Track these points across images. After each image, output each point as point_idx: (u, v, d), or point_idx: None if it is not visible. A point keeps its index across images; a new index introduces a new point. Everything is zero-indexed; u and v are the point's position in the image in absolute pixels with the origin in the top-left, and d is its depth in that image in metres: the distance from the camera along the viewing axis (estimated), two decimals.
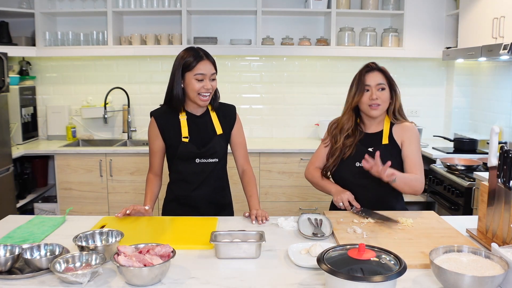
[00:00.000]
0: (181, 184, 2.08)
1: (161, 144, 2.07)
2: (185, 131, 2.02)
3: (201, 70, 1.93)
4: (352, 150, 2.03)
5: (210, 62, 1.98)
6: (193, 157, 2.03)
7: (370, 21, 4.11)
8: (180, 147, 2.01)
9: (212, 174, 2.07)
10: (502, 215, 1.50)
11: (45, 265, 1.33)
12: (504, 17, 2.92)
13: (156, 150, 2.09)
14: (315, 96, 4.26)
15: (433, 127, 4.17)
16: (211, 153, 2.04)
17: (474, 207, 2.80)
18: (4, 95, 3.34)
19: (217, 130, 2.07)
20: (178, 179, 2.09)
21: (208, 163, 2.05)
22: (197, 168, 2.04)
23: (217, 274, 1.36)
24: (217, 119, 2.09)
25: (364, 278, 1.12)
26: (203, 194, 2.06)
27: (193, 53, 1.96)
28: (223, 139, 2.08)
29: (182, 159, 2.04)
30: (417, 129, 2.05)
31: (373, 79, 1.98)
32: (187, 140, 2.02)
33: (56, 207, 3.77)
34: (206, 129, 2.06)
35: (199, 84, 1.94)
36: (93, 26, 4.05)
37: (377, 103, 1.97)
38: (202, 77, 1.94)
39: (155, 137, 2.07)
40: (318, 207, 3.73)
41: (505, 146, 1.57)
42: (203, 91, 1.95)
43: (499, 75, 3.60)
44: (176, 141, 2.03)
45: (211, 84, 1.96)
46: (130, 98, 4.19)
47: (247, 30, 4.13)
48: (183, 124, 2.03)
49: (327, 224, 1.74)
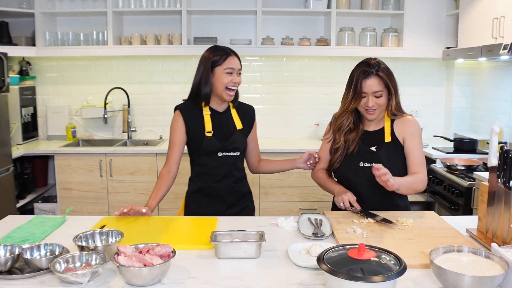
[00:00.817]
0: (204, 177, 2.16)
1: (183, 137, 2.14)
2: (209, 126, 2.11)
3: (230, 64, 2.06)
4: (355, 146, 2.01)
5: (237, 58, 2.11)
6: (216, 151, 2.11)
7: (370, 21, 4.11)
8: (204, 141, 2.10)
9: (233, 166, 2.17)
10: (502, 215, 1.50)
11: (45, 265, 1.33)
12: (504, 17, 2.92)
13: (177, 142, 2.15)
14: (315, 96, 4.26)
15: (433, 127, 4.18)
16: (233, 147, 2.14)
17: (474, 207, 2.80)
18: (4, 95, 3.34)
19: (237, 125, 2.18)
20: (201, 172, 2.18)
21: (230, 156, 2.14)
22: (220, 161, 2.13)
23: (217, 274, 1.36)
24: (237, 115, 2.20)
25: (364, 278, 1.12)
26: (225, 184, 2.16)
27: (221, 50, 2.09)
28: (243, 134, 2.19)
29: (206, 153, 2.12)
30: (417, 122, 2.02)
31: (370, 87, 1.92)
32: (210, 135, 2.10)
33: (56, 207, 3.77)
34: (228, 125, 2.16)
35: (228, 78, 2.05)
36: (93, 26, 4.05)
37: (374, 109, 1.95)
38: (231, 71, 2.06)
39: (178, 129, 2.13)
40: (318, 207, 3.73)
41: (505, 146, 1.57)
42: (231, 84, 2.06)
43: (499, 75, 3.60)
44: (199, 136, 2.11)
45: (238, 79, 2.09)
46: (130, 98, 4.19)
47: (247, 30, 4.13)
48: (207, 120, 2.12)
49: (327, 224, 1.74)
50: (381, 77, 1.92)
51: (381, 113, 2.01)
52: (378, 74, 1.92)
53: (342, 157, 2.04)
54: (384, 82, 1.93)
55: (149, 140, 4.20)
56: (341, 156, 2.04)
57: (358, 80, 1.93)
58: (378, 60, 1.98)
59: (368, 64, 1.95)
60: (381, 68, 1.94)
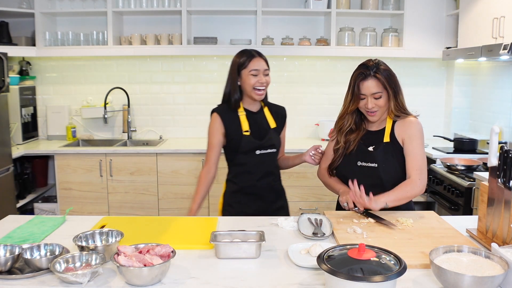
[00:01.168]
0: (244, 175, 2.23)
1: (221, 138, 2.22)
2: (246, 125, 2.21)
3: (255, 66, 2.15)
4: (355, 146, 2.01)
5: (263, 59, 2.19)
6: (254, 149, 2.19)
7: (370, 21, 4.11)
8: (242, 140, 2.18)
9: (271, 163, 2.27)
10: (502, 215, 1.50)
11: (45, 265, 1.33)
12: (504, 17, 2.92)
13: (216, 144, 2.23)
14: (315, 96, 4.26)
15: (433, 127, 4.18)
16: (270, 144, 2.23)
17: (474, 207, 2.80)
18: (4, 95, 3.34)
19: (271, 124, 2.28)
20: (241, 171, 2.24)
21: (267, 153, 2.23)
22: (258, 159, 2.21)
23: (217, 274, 1.36)
24: (270, 114, 2.30)
25: (364, 278, 1.12)
26: (266, 182, 2.24)
27: (246, 53, 2.20)
28: (276, 132, 2.29)
29: (244, 151, 2.20)
30: (420, 124, 2.00)
31: (368, 89, 1.92)
32: (248, 134, 2.19)
33: (56, 207, 3.77)
34: (263, 123, 2.26)
35: (254, 79, 2.14)
36: (93, 26, 4.05)
37: (374, 110, 1.95)
38: (256, 72, 2.15)
39: (216, 131, 2.22)
40: (318, 207, 3.73)
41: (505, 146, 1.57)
42: (258, 85, 2.15)
43: (499, 75, 3.60)
44: (237, 135, 2.19)
45: (265, 79, 2.17)
46: (130, 98, 4.19)
47: (247, 30, 4.13)
48: (243, 120, 2.21)
49: (327, 224, 1.74)
50: (378, 79, 1.91)
51: (384, 114, 2.00)
52: (375, 76, 1.91)
53: (341, 157, 2.05)
54: (382, 84, 1.92)
55: (149, 140, 4.20)
56: (341, 155, 2.05)
57: (356, 82, 1.94)
58: (377, 61, 1.96)
59: (366, 66, 1.94)
60: (380, 70, 1.93)
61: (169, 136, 4.29)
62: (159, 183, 3.68)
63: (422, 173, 1.93)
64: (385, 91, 1.94)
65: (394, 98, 1.96)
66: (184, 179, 3.69)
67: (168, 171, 3.68)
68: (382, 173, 1.94)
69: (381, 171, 1.95)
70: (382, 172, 1.94)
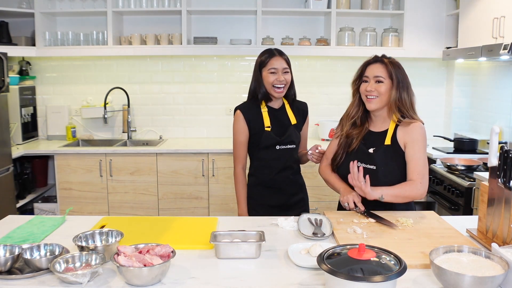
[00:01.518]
0: (264, 170, 2.32)
1: (247, 134, 2.31)
2: (267, 121, 2.28)
3: (273, 65, 2.22)
4: (356, 145, 2.01)
5: (282, 58, 2.25)
6: (274, 144, 2.27)
7: (370, 21, 4.11)
8: (264, 135, 2.27)
9: (290, 158, 2.33)
10: (502, 215, 1.50)
11: (45, 265, 1.33)
12: (504, 17, 2.92)
13: (244, 141, 2.32)
14: (315, 96, 4.26)
15: (433, 127, 4.17)
16: (289, 140, 2.30)
17: (474, 207, 2.80)
18: (4, 95, 3.34)
19: (292, 120, 2.34)
20: (261, 166, 2.33)
21: (286, 149, 2.30)
22: (278, 154, 2.29)
23: (217, 274, 1.36)
24: (292, 112, 2.36)
25: (364, 278, 1.12)
26: (284, 176, 2.32)
27: (267, 52, 2.28)
28: (297, 128, 2.36)
29: (265, 146, 2.28)
30: (423, 129, 1.97)
31: (372, 71, 1.96)
32: (269, 129, 2.27)
33: (56, 207, 3.77)
34: (284, 120, 2.33)
35: (273, 77, 2.22)
36: (93, 26, 4.05)
37: (373, 95, 1.94)
38: (275, 70, 2.22)
39: (242, 128, 2.30)
40: (318, 207, 3.73)
41: (505, 146, 1.57)
42: (276, 83, 2.22)
43: (499, 75, 3.60)
44: (260, 130, 2.28)
45: (284, 77, 2.23)
46: (130, 98, 4.19)
47: (247, 30, 4.13)
48: (265, 116, 2.29)
49: (327, 224, 1.74)
50: (385, 65, 1.95)
51: (382, 106, 1.96)
52: (383, 61, 1.96)
53: (344, 153, 2.05)
54: (388, 72, 1.93)
55: (149, 140, 4.20)
56: (343, 151, 2.05)
57: (363, 65, 2.01)
58: (391, 57, 2.02)
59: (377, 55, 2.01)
60: (390, 60, 1.98)
61: (169, 136, 4.29)
62: (159, 183, 3.68)
63: (424, 178, 1.90)
64: (389, 80, 1.94)
65: (398, 91, 1.93)
66: (184, 179, 3.69)
67: (168, 171, 3.68)
68: (380, 175, 1.93)
69: (379, 173, 1.93)
70: (380, 175, 1.93)
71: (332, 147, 2.14)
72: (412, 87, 2.03)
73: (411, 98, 2.00)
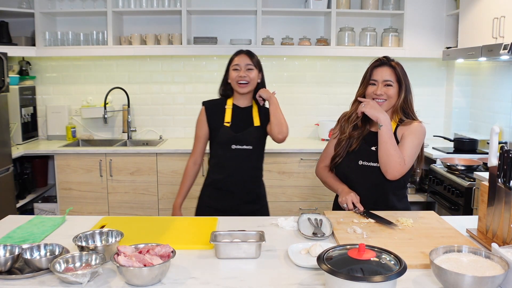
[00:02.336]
0: (217, 168, 2.28)
1: (206, 129, 2.30)
2: (228, 117, 2.27)
3: (236, 61, 2.26)
4: (358, 144, 2.01)
5: (247, 56, 2.27)
6: (229, 142, 2.23)
7: (370, 21, 4.11)
8: (221, 131, 2.25)
9: (247, 162, 2.26)
10: (502, 215, 1.50)
11: (45, 265, 1.33)
12: (504, 17, 2.92)
13: (200, 135, 2.33)
14: (315, 96, 4.26)
15: (433, 127, 4.17)
16: (246, 140, 2.24)
17: (474, 207, 2.80)
18: (4, 95, 3.34)
19: (255, 122, 2.29)
20: (215, 163, 2.30)
21: (242, 150, 2.24)
22: (233, 154, 2.24)
23: (217, 274, 1.36)
24: (258, 115, 2.31)
25: (364, 278, 1.12)
26: (237, 180, 2.25)
27: (236, 52, 2.31)
28: (259, 131, 2.29)
29: (220, 143, 2.26)
30: (423, 127, 1.98)
31: (381, 74, 1.96)
32: (228, 125, 2.25)
33: (56, 207, 3.77)
34: (246, 119, 2.29)
35: (236, 73, 2.24)
36: (93, 26, 4.05)
37: (383, 98, 1.95)
38: (238, 67, 2.24)
39: (201, 122, 2.32)
40: (318, 207, 3.73)
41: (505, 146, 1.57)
42: (238, 79, 2.23)
43: (499, 75, 3.60)
44: (218, 125, 2.27)
45: (247, 73, 2.23)
46: (130, 98, 4.19)
47: (247, 30, 4.13)
48: (228, 112, 2.29)
49: (327, 224, 1.74)
50: (394, 68, 1.96)
51: (389, 109, 1.99)
52: (391, 65, 1.97)
53: (344, 153, 2.04)
54: (396, 75, 1.95)
55: (149, 140, 4.20)
56: (344, 151, 2.04)
57: (370, 68, 2.00)
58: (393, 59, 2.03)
59: (384, 58, 2.01)
60: (397, 63, 1.99)
61: (169, 136, 4.29)
62: (159, 183, 3.68)
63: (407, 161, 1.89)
64: (397, 84, 1.95)
65: (405, 95, 1.96)
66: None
67: (168, 171, 3.68)
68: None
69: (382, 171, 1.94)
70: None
71: (330, 147, 2.14)
72: (412, 87, 2.04)
73: (412, 101, 2.02)
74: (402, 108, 1.98)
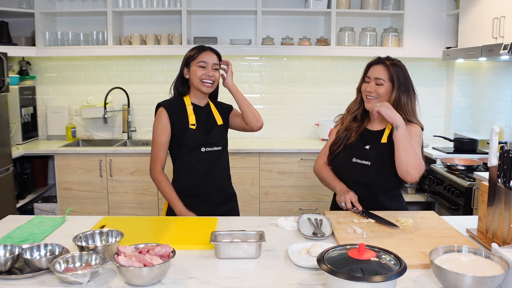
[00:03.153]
0: (187, 175, 2.13)
1: (169, 134, 2.12)
2: (192, 119, 2.12)
3: (203, 58, 2.10)
4: (355, 138, 2.02)
5: (215, 54, 2.15)
6: (199, 145, 2.10)
7: (370, 21, 4.11)
8: (187, 134, 2.09)
9: (218, 163, 2.17)
10: (502, 215, 1.50)
11: (45, 265, 1.33)
12: (504, 17, 2.92)
13: (165, 141, 2.12)
14: (315, 96, 4.26)
15: (433, 127, 4.18)
16: (215, 141, 2.14)
17: (474, 207, 2.80)
18: (4, 95, 3.34)
19: (218, 121, 2.20)
20: (184, 170, 2.14)
21: (212, 151, 2.14)
22: (203, 156, 2.12)
23: (217, 274, 1.36)
24: (217, 111, 2.23)
25: (364, 278, 1.12)
26: (211, 182, 2.14)
27: (198, 47, 2.16)
28: (223, 129, 2.22)
29: (189, 147, 2.10)
30: (420, 131, 1.98)
31: (374, 72, 1.98)
32: (194, 127, 2.11)
33: (56, 207, 3.77)
34: (209, 119, 2.18)
35: (202, 71, 2.09)
36: (93, 26, 4.05)
37: (373, 96, 1.96)
38: (205, 64, 2.10)
39: (164, 127, 2.11)
40: (318, 207, 3.73)
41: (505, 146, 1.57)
42: (205, 77, 2.09)
43: (499, 75, 3.60)
44: (183, 129, 2.10)
45: (213, 73, 2.11)
46: (130, 98, 4.19)
47: (247, 30, 4.13)
48: (190, 113, 2.13)
49: (327, 224, 1.74)
50: (387, 67, 1.96)
51: None
52: (386, 64, 1.97)
53: (342, 144, 2.05)
54: (389, 74, 1.95)
55: (149, 140, 4.19)
56: (342, 141, 2.05)
57: (368, 65, 2.03)
58: (396, 59, 2.03)
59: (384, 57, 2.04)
60: (394, 63, 1.99)
61: None
62: None
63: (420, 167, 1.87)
64: (389, 83, 1.96)
65: (397, 94, 1.94)
66: None
67: (168, 171, 3.66)
68: (373, 171, 1.95)
69: (373, 169, 1.95)
70: (373, 171, 1.95)
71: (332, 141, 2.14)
72: None
73: (413, 102, 2.00)
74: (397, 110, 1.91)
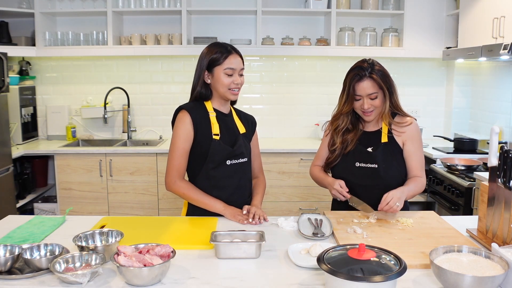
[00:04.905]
0: (213, 192, 1.89)
1: (191, 141, 1.88)
2: (216, 128, 1.88)
3: (231, 65, 1.86)
4: (352, 146, 2.01)
5: (239, 56, 1.91)
6: (224, 158, 1.87)
7: (370, 21, 4.11)
8: (212, 146, 1.85)
9: (245, 176, 1.95)
10: (502, 215, 1.50)
11: (45, 265, 1.33)
12: (504, 17, 2.92)
13: (188, 150, 1.88)
14: (315, 96, 4.26)
15: (433, 127, 4.17)
16: (241, 152, 1.92)
17: (474, 207, 2.80)
18: (4, 95, 3.34)
19: (240, 129, 1.98)
20: (210, 186, 1.90)
21: (239, 163, 1.92)
22: (230, 170, 1.89)
23: (217, 274, 1.36)
24: (239, 120, 2.02)
25: (364, 278, 1.12)
26: (239, 198, 1.93)
27: (221, 47, 1.89)
28: (246, 138, 2.00)
29: (214, 161, 1.87)
30: (417, 124, 2.03)
31: (364, 89, 1.91)
32: (218, 138, 1.87)
33: (56, 207, 3.77)
34: (233, 128, 1.96)
35: (229, 79, 1.86)
36: (93, 26, 4.05)
37: (371, 110, 1.95)
38: (232, 72, 1.86)
39: (188, 133, 1.86)
40: (318, 207, 3.73)
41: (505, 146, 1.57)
42: (233, 86, 1.88)
43: (499, 75, 3.60)
44: (207, 138, 1.86)
45: (240, 79, 1.90)
46: (130, 98, 4.19)
47: (247, 30, 4.13)
48: (213, 121, 1.89)
49: (327, 224, 1.74)
50: (374, 79, 1.91)
51: (379, 113, 2.00)
52: (371, 77, 1.91)
53: (339, 157, 2.05)
54: (378, 84, 1.92)
55: (149, 140, 4.19)
56: (339, 156, 2.05)
57: (351, 83, 1.93)
58: (372, 61, 1.95)
59: (361, 67, 1.93)
60: (375, 70, 1.92)
61: (169, 136, 4.27)
62: (159, 183, 3.68)
63: (424, 172, 2.01)
64: (380, 91, 1.94)
65: (390, 97, 1.97)
66: None
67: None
68: (382, 173, 1.95)
69: (381, 171, 1.95)
70: (382, 173, 1.95)
71: (323, 149, 2.14)
72: (412, 87, 2.06)
73: (397, 96, 2.02)
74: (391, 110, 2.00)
